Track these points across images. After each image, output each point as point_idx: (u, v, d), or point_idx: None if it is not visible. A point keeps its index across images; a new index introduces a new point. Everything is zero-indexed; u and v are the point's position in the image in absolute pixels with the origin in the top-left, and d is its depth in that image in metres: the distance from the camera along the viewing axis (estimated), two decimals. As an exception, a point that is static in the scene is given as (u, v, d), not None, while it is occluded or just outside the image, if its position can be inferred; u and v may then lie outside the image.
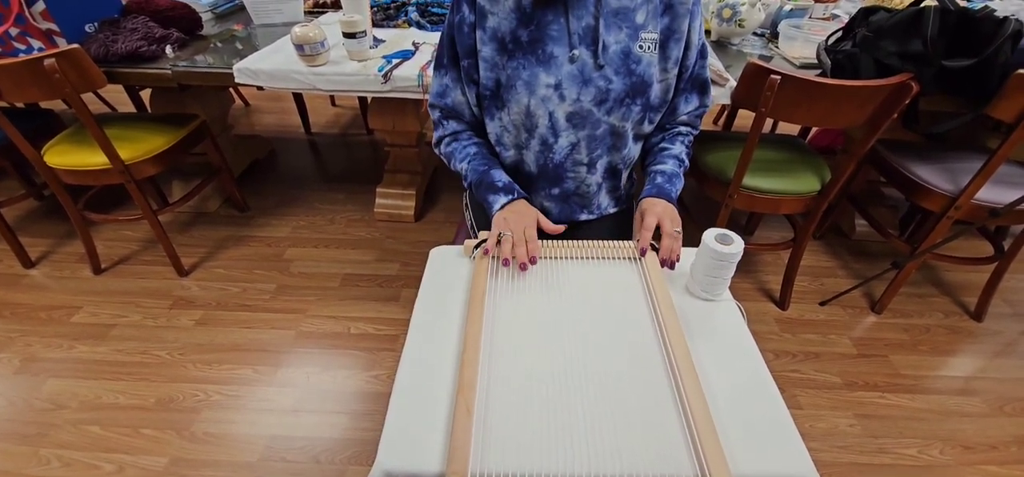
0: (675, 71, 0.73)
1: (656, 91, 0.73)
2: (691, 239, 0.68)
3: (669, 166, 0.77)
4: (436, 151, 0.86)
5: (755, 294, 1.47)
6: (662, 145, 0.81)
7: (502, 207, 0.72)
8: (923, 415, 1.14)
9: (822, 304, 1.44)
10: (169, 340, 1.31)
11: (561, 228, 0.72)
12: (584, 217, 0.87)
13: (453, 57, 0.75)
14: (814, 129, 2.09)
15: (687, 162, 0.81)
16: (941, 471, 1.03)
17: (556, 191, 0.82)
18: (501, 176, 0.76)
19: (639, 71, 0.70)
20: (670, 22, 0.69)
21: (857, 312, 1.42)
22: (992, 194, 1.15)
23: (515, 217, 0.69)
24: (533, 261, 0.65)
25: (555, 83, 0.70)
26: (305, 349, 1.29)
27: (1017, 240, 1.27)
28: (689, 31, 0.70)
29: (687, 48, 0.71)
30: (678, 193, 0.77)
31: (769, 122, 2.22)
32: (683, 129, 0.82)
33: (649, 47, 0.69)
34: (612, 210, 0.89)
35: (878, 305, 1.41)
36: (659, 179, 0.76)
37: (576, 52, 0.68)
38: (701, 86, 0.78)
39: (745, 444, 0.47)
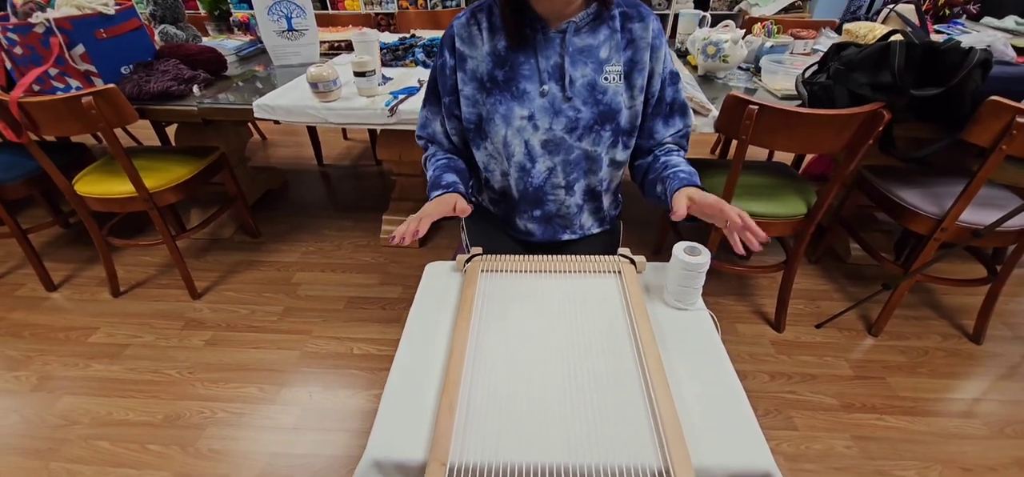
0: (641, 98, 0.79)
1: (625, 117, 0.80)
2: (668, 255, 0.72)
3: (685, 166, 0.78)
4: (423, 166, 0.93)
5: (751, 317, 1.49)
6: (662, 159, 0.81)
7: (430, 200, 0.77)
8: (922, 437, 1.13)
9: (818, 326, 1.45)
10: (179, 359, 1.36)
11: (470, 208, 0.74)
12: (567, 237, 0.92)
13: (435, 95, 0.85)
14: (808, 158, 2.14)
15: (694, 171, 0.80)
16: (941, 494, 1.02)
17: (538, 213, 0.89)
18: (448, 177, 0.80)
19: (606, 100, 0.77)
20: (632, 54, 0.77)
21: (854, 335, 1.42)
22: (977, 216, 1.17)
23: (429, 205, 0.72)
24: (408, 239, 0.63)
25: (528, 115, 0.78)
26: (309, 369, 1.33)
27: (1008, 262, 1.28)
28: (652, 61, 0.77)
29: (651, 76, 0.78)
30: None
31: (764, 152, 2.30)
32: (673, 148, 0.84)
33: (614, 78, 0.77)
34: (596, 230, 0.94)
35: (874, 327, 1.42)
36: (683, 174, 0.74)
37: (546, 87, 0.77)
38: (680, 109, 0.83)
39: (709, 439, 0.49)
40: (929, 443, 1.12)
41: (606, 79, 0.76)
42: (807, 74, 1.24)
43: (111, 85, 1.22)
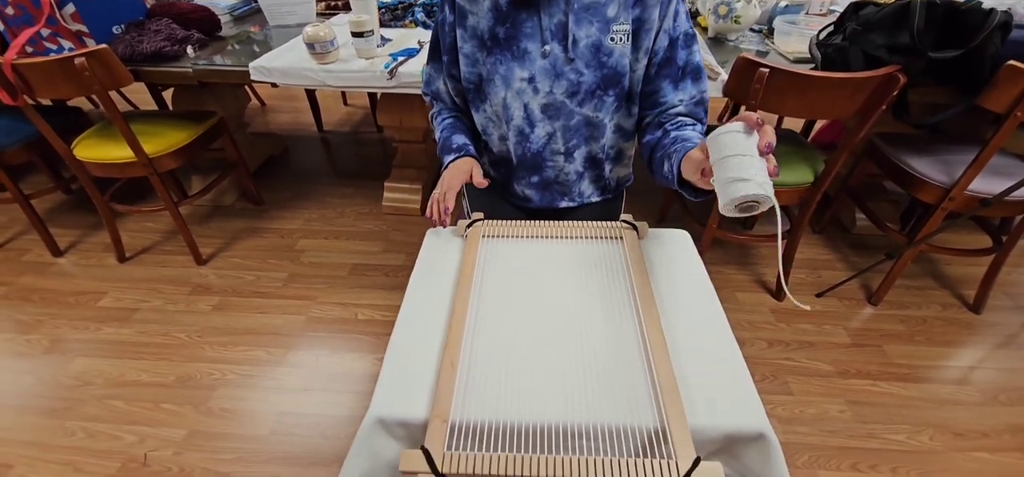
0: (645, 60, 0.75)
1: (628, 80, 0.76)
2: (672, 224, 0.71)
3: (697, 140, 0.67)
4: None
5: (751, 285, 1.49)
6: (673, 133, 0.72)
7: (445, 167, 0.79)
8: (915, 403, 1.16)
9: (818, 296, 1.45)
10: (188, 323, 1.39)
11: (486, 182, 0.76)
12: (565, 204, 0.91)
13: (437, 51, 0.83)
14: (818, 125, 2.10)
15: None
16: (930, 456, 1.04)
17: (536, 179, 0.87)
18: (458, 139, 0.83)
19: (611, 63, 0.73)
20: (641, 13, 0.72)
21: (854, 304, 1.43)
22: (986, 185, 1.16)
23: (447, 176, 0.76)
24: (446, 221, 0.71)
25: (529, 77, 0.75)
26: (315, 334, 1.36)
27: (1015, 232, 1.27)
28: (663, 18, 0.72)
29: (657, 34, 0.73)
30: None
31: (774, 118, 2.24)
32: (687, 120, 0.75)
33: (621, 39, 0.72)
34: (596, 198, 0.92)
35: (875, 297, 1.42)
36: (691, 146, 0.64)
37: (548, 47, 0.73)
38: (693, 72, 0.76)
39: (705, 400, 0.50)
40: (922, 408, 1.14)
41: (612, 40, 0.72)
42: (822, 35, 1.20)
43: (103, 46, 1.19)
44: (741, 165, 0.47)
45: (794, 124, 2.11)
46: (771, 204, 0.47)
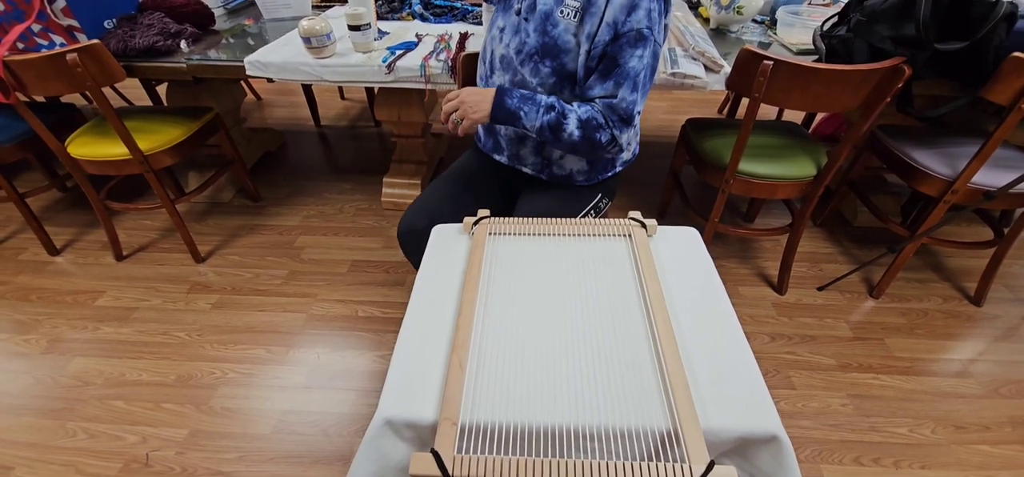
0: (587, 46, 0.74)
1: (572, 59, 0.77)
2: (673, 219, 0.70)
3: (542, 97, 0.77)
4: None
5: (753, 279, 1.49)
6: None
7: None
8: (917, 396, 1.16)
9: (820, 289, 1.45)
10: (187, 322, 1.37)
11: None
12: (498, 158, 0.98)
13: None
14: (819, 117, 2.09)
15: (570, 121, 0.75)
16: (931, 449, 1.05)
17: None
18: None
19: (553, 33, 0.77)
20: None
21: (855, 297, 1.43)
22: (989, 178, 1.15)
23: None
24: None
25: (502, 27, 0.83)
26: (315, 331, 1.35)
27: (1017, 224, 1.27)
28: (607, 9, 0.71)
29: (601, 26, 0.72)
30: (518, 110, 0.76)
31: (774, 110, 2.23)
32: (591, 105, 0.76)
33: (569, 14, 0.75)
34: (529, 172, 0.96)
35: (876, 290, 1.42)
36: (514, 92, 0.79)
37: (519, 5, 0.81)
38: (625, 77, 0.72)
39: (717, 402, 0.50)
40: (923, 401, 1.15)
41: (562, 12, 0.76)
42: (826, 27, 1.19)
43: (95, 41, 1.17)
44: None
45: (795, 116, 2.10)
46: None
